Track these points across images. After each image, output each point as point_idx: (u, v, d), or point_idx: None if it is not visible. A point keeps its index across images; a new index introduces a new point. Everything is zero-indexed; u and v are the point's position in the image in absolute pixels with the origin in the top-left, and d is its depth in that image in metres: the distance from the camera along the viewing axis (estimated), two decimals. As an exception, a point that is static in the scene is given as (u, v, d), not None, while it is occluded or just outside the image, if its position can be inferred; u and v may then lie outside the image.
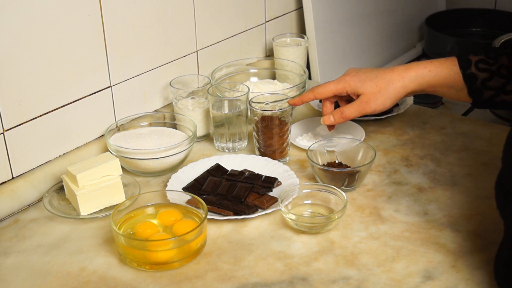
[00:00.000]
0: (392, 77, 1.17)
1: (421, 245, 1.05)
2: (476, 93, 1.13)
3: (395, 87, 1.16)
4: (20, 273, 1.02)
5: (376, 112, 1.20)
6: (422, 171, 1.25)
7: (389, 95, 1.17)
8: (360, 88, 1.18)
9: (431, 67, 1.15)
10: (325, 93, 1.22)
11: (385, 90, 1.16)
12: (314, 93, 1.24)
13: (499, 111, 1.57)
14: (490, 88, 1.12)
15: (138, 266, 1.01)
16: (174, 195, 1.13)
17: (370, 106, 1.18)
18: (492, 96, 1.13)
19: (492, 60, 1.12)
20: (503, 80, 1.11)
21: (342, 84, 1.21)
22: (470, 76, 1.12)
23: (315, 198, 1.15)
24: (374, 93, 1.17)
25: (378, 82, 1.17)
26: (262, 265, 1.02)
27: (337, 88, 1.21)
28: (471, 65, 1.13)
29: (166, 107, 1.45)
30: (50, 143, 1.23)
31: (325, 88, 1.22)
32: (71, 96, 1.24)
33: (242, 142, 1.35)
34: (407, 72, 1.16)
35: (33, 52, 1.15)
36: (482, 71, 1.12)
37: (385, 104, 1.18)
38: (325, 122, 1.24)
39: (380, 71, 1.19)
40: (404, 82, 1.16)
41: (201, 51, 1.51)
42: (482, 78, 1.12)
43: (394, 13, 1.97)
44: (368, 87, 1.17)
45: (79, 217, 1.13)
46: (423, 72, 1.15)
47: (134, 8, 1.31)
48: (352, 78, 1.20)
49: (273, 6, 1.67)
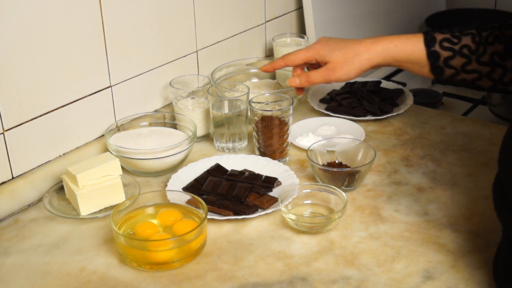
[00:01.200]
0: (359, 49, 1.20)
1: (421, 245, 1.05)
2: (438, 70, 1.16)
3: (361, 59, 1.20)
4: (20, 273, 1.02)
5: (340, 81, 1.24)
6: (422, 171, 1.25)
7: (354, 66, 1.20)
8: (328, 56, 1.22)
9: (397, 42, 1.18)
10: (296, 60, 1.26)
11: (351, 61, 1.20)
12: (285, 60, 1.28)
13: (499, 110, 1.57)
14: (452, 67, 1.15)
15: (138, 266, 1.01)
16: (174, 195, 1.13)
17: (335, 74, 1.22)
18: (453, 74, 1.16)
19: (456, 39, 1.15)
20: (464, 60, 1.14)
21: (312, 52, 1.25)
22: (433, 53, 1.15)
23: (315, 198, 1.15)
24: (340, 62, 1.21)
25: (345, 52, 1.21)
26: (262, 265, 1.02)
27: (307, 55, 1.25)
28: (436, 43, 1.15)
29: (166, 107, 1.45)
30: (50, 143, 1.23)
31: (296, 55, 1.26)
32: (71, 96, 1.24)
33: (242, 142, 1.35)
34: (373, 45, 1.20)
35: (33, 52, 1.15)
36: (445, 50, 1.15)
37: (350, 74, 1.21)
38: (291, 83, 1.27)
39: (349, 42, 1.22)
40: (370, 55, 1.20)
41: (201, 51, 1.51)
42: (445, 57, 1.15)
43: (394, 13, 1.97)
44: (336, 56, 1.21)
45: (79, 217, 1.13)
46: (389, 47, 1.19)
47: (134, 8, 1.31)
48: (322, 47, 1.24)
49: (273, 6, 1.67)
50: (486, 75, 1.14)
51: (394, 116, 1.45)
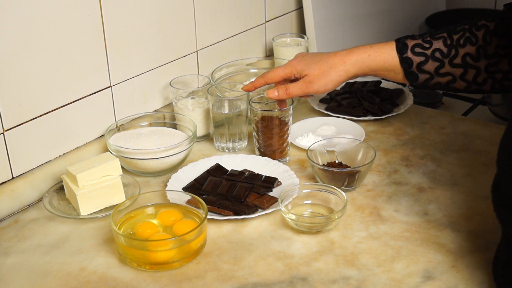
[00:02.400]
0: (334, 61, 1.22)
1: (421, 245, 1.05)
2: (412, 76, 1.18)
3: (337, 71, 1.22)
4: (20, 273, 1.02)
5: (318, 93, 1.25)
6: (422, 171, 1.25)
7: (331, 78, 1.22)
8: (305, 70, 1.24)
9: (371, 52, 1.20)
10: (275, 77, 1.28)
11: (328, 73, 1.22)
12: (265, 78, 1.29)
13: (499, 110, 1.57)
14: (425, 72, 1.17)
15: (138, 266, 1.01)
16: (174, 195, 1.13)
17: (313, 87, 1.23)
18: (427, 79, 1.18)
19: (428, 44, 1.17)
20: (437, 63, 1.16)
21: (289, 69, 1.26)
22: (406, 60, 1.17)
23: (315, 198, 1.15)
24: (317, 75, 1.23)
25: (321, 65, 1.23)
26: (262, 265, 1.02)
27: (285, 72, 1.27)
28: (407, 49, 1.17)
29: (166, 107, 1.45)
30: (50, 143, 1.23)
31: (274, 73, 1.27)
32: (71, 96, 1.24)
33: (242, 142, 1.35)
34: (348, 57, 1.22)
35: (33, 52, 1.15)
36: (417, 55, 1.17)
37: (327, 86, 1.23)
38: (269, 95, 1.28)
39: (324, 55, 1.25)
40: (346, 66, 1.21)
41: (201, 51, 1.51)
42: (418, 62, 1.17)
43: (394, 13, 1.97)
44: (312, 69, 1.23)
45: (79, 217, 1.13)
46: (363, 57, 1.21)
47: (134, 8, 1.31)
48: (298, 62, 1.26)
49: (273, 6, 1.67)
50: (460, 77, 1.15)
51: (394, 116, 1.45)
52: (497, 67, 1.13)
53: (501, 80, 1.14)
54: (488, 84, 1.15)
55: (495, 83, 1.14)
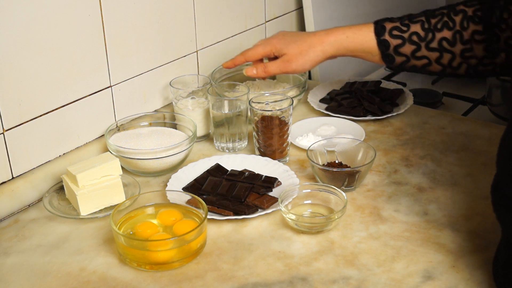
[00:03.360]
0: (313, 41, 1.24)
1: (421, 245, 1.05)
2: (389, 58, 1.20)
3: (315, 51, 1.23)
4: (20, 273, 1.02)
5: (296, 72, 1.28)
6: (422, 171, 1.25)
7: (309, 58, 1.24)
8: (284, 49, 1.26)
9: (349, 33, 1.22)
10: (255, 55, 1.30)
11: (306, 53, 1.24)
12: (245, 56, 1.31)
13: (499, 110, 1.57)
14: (402, 54, 1.18)
15: (138, 266, 1.01)
16: (174, 195, 1.13)
17: (291, 66, 1.25)
18: (403, 61, 1.19)
19: (405, 27, 1.18)
20: (414, 47, 1.17)
21: (269, 47, 1.29)
22: (383, 42, 1.19)
23: (315, 198, 1.15)
24: (295, 54, 1.25)
25: (300, 44, 1.25)
26: (262, 265, 1.02)
27: (264, 50, 1.29)
28: (385, 32, 1.19)
29: (166, 107, 1.45)
30: (50, 143, 1.23)
31: (255, 50, 1.30)
32: (71, 96, 1.24)
33: (242, 142, 1.35)
34: (326, 37, 1.23)
35: (33, 52, 1.15)
36: (395, 38, 1.18)
37: (305, 65, 1.25)
38: (247, 72, 1.31)
39: (304, 35, 1.26)
40: (324, 46, 1.23)
41: (201, 51, 1.51)
42: (395, 45, 1.18)
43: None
44: (291, 48, 1.25)
45: (79, 217, 1.13)
46: (341, 38, 1.22)
47: (134, 8, 1.31)
48: (278, 41, 1.28)
49: (273, 6, 1.67)
50: (436, 60, 1.17)
51: (394, 116, 1.45)
52: (472, 52, 1.14)
53: (476, 66, 1.15)
54: (462, 68, 1.16)
55: (470, 68, 1.16)
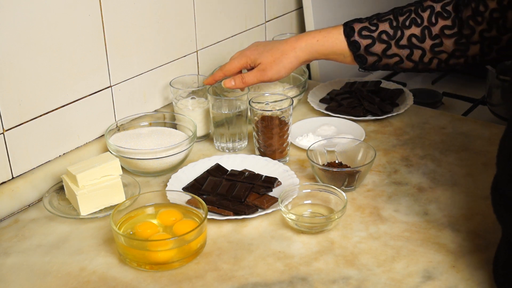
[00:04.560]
0: (285, 48, 1.26)
1: (421, 245, 1.05)
2: (361, 59, 1.20)
3: (288, 57, 1.25)
4: (20, 273, 1.02)
5: (272, 80, 1.29)
6: (422, 171, 1.25)
7: (283, 65, 1.26)
8: (258, 59, 1.28)
9: (319, 37, 1.23)
10: (232, 69, 1.32)
11: (279, 60, 1.26)
12: (223, 70, 1.33)
13: (499, 110, 1.57)
14: (373, 54, 1.19)
15: (138, 266, 1.01)
16: (174, 195, 1.13)
17: (267, 74, 1.27)
18: (375, 61, 1.20)
19: (374, 26, 1.19)
20: (384, 45, 1.18)
21: (244, 59, 1.31)
22: (353, 43, 1.20)
23: (315, 198, 1.15)
24: (270, 63, 1.27)
25: (273, 53, 1.27)
26: (262, 265, 1.02)
27: (240, 63, 1.31)
28: (355, 33, 1.20)
29: (166, 107, 1.45)
30: (50, 143, 1.23)
31: (231, 65, 1.32)
32: (71, 96, 1.24)
33: (242, 142, 1.35)
34: (297, 43, 1.25)
35: (33, 52, 1.15)
36: (364, 38, 1.19)
37: (280, 73, 1.27)
38: (226, 84, 1.32)
39: (276, 43, 1.29)
40: (296, 52, 1.25)
41: (201, 51, 1.51)
42: (365, 45, 1.19)
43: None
44: (265, 57, 1.27)
45: (79, 217, 1.13)
46: (312, 42, 1.24)
47: (134, 8, 1.31)
48: (251, 52, 1.30)
49: (273, 6, 1.67)
50: (407, 57, 1.18)
51: (394, 116, 1.45)
52: (442, 47, 1.15)
53: (447, 60, 1.16)
54: (434, 63, 1.17)
55: (441, 63, 1.17)
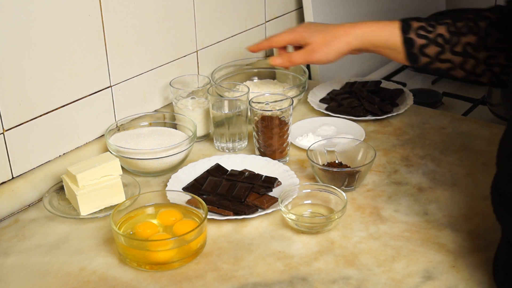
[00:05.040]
0: (338, 32, 1.24)
1: (421, 245, 1.05)
2: (413, 57, 1.18)
3: (339, 41, 1.23)
4: (20, 273, 1.02)
5: (320, 63, 1.27)
6: (422, 171, 1.25)
7: (333, 48, 1.23)
8: (309, 38, 1.26)
9: (375, 27, 1.21)
10: (280, 41, 1.30)
11: (330, 43, 1.23)
12: (270, 41, 1.32)
13: (499, 110, 1.57)
14: (427, 55, 1.17)
15: (138, 266, 1.01)
16: (174, 195, 1.13)
17: (315, 56, 1.25)
18: (428, 62, 1.18)
19: (432, 28, 1.17)
20: (439, 49, 1.16)
21: (294, 34, 1.29)
22: (408, 40, 1.18)
23: (315, 198, 1.15)
24: (320, 44, 1.24)
25: (325, 34, 1.24)
26: (262, 265, 1.02)
27: (290, 37, 1.29)
28: (411, 30, 1.18)
29: (166, 107, 1.45)
30: (50, 143, 1.23)
31: (280, 36, 1.30)
32: (71, 96, 1.24)
33: (242, 142, 1.35)
34: (352, 29, 1.23)
35: (33, 52, 1.15)
36: (420, 38, 1.17)
37: (329, 56, 1.24)
38: (273, 62, 1.31)
39: (329, 26, 1.26)
40: (348, 38, 1.23)
41: (201, 51, 1.51)
42: (420, 44, 1.17)
43: (394, 13, 1.97)
44: (316, 38, 1.25)
45: (79, 217, 1.13)
46: (367, 31, 1.21)
47: (134, 8, 1.31)
48: (303, 29, 1.28)
49: (273, 6, 1.67)
50: (459, 65, 1.16)
51: (394, 116, 1.45)
52: (495, 60, 1.13)
53: (499, 74, 1.14)
54: (486, 76, 1.15)
55: (493, 76, 1.15)
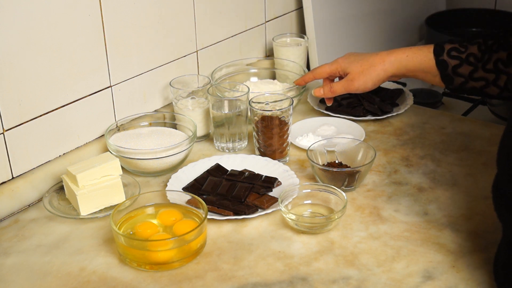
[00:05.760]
0: (375, 60, 1.29)
1: (421, 245, 1.05)
2: (448, 79, 1.22)
3: (376, 69, 1.28)
4: (20, 273, 1.02)
5: (359, 91, 1.32)
6: (422, 171, 1.25)
7: (371, 76, 1.28)
8: (348, 68, 1.32)
9: (409, 53, 1.25)
10: (322, 73, 1.37)
11: (368, 71, 1.28)
12: (313, 73, 1.39)
13: (499, 110, 1.57)
14: (460, 75, 1.20)
15: (138, 266, 1.01)
16: (174, 195, 1.13)
17: (354, 85, 1.31)
18: (462, 82, 1.21)
19: (463, 48, 1.20)
20: (471, 68, 1.19)
21: (334, 66, 1.35)
22: (442, 62, 1.21)
23: (315, 198, 1.15)
24: (358, 73, 1.30)
25: (363, 63, 1.30)
26: (262, 265, 1.02)
27: (331, 69, 1.35)
28: (444, 52, 1.21)
29: (166, 107, 1.45)
30: (50, 143, 1.23)
31: (322, 69, 1.37)
32: (71, 96, 1.24)
33: (242, 142, 1.35)
34: (387, 57, 1.28)
35: (33, 52, 1.15)
36: (453, 58, 1.20)
37: (367, 84, 1.30)
38: (316, 93, 1.39)
39: (367, 55, 1.31)
40: (385, 65, 1.27)
41: (201, 51, 1.51)
42: (453, 65, 1.20)
43: (394, 13, 1.97)
44: (354, 67, 1.30)
45: (79, 217, 1.13)
46: (402, 57, 1.26)
47: (134, 8, 1.31)
48: (343, 60, 1.34)
49: (273, 6, 1.67)
50: (493, 82, 1.18)
51: (394, 116, 1.45)
52: None
53: None
54: None
55: None
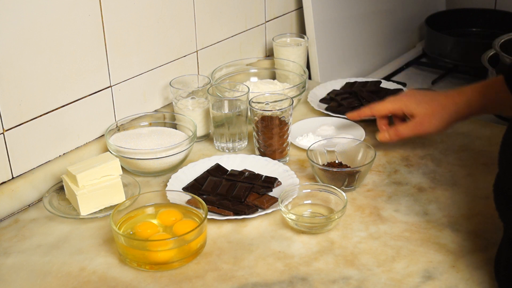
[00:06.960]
0: (446, 102, 1.20)
1: (421, 245, 1.05)
2: None
3: (449, 112, 1.19)
4: (20, 273, 1.02)
5: (429, 134, 1.24)
6: (422, 171, 1.25)
7: (443, 119, 1.20)
8: (415, 109, 1.22)
9: (481, 88, 1.17)
10: (383, 110, 1.28)
11: (439, 114, 1.20)
12: (372, 110, 1.30)
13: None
14: None
15: (138, 266, 1.01)
16: (174, 195, 1.13)
17: (424, 128, 1.22)
18: None
19: None
20: None
21: (399, 104, 1.25)
22: None
23: (315, 198, 1.15)
24: (428, 115, 1.21)
25: (432, 104, 1.21)
26: (262, 265, 1.02)
27: (394, 107, 1.26)
28: None
29: (166, 107, 1.45)
30: (50, 143, 1.23)
31: (383, 106, 1.28)
32: (71, 96, 1.24)
33: (242, 142, 1.35)
34: (459, 97, 1.19)
35: (33, 52, 1.15)
36: None
37: (439, 127, 1.21)
38: (381, 139, 1.29)
39: (435, 94, 1.23)
40: (458, 107, 1.19)
41: (201, 51, 1.51)
42: None
43: (394, 13, 1.97)
44: (423, 109, 1.21)
45: (79, 217, 1.13)
46: (475, 96, 1.17)
47: (134, 8, 1.31)
48: (409, 99, 1.24)
49: (273, 6, 1.67)
50: None
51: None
52: None
53: None
54: None
55: None
